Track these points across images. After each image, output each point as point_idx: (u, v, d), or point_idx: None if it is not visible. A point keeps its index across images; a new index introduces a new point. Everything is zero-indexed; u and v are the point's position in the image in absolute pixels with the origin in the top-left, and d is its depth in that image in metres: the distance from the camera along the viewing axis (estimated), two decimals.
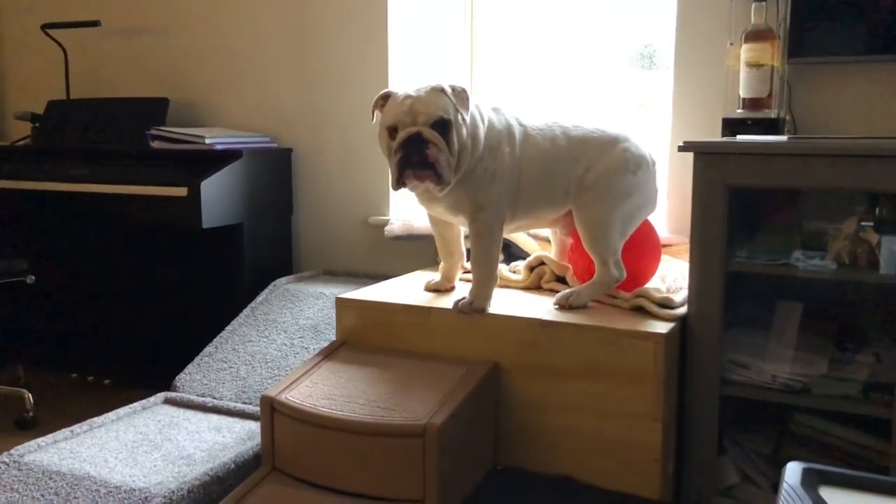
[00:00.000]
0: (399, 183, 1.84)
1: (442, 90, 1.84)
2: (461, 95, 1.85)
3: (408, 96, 1.84)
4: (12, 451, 1.93)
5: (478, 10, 2.85)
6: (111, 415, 2.17)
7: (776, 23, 2.16)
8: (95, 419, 2.13)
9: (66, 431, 2.05)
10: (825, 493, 0.87)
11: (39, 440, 1.99)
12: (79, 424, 2.09)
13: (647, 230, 2.04)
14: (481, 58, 2.87)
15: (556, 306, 1.95)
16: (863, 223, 1.84)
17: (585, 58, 2.75)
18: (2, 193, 2.89)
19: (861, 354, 1.88)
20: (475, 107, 1.92)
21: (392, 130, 1.84)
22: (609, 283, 1.95)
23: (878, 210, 1.85)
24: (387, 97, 1.90)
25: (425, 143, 1.79)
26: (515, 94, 2.84)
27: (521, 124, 1.98)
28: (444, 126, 1.81)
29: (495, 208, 1.93)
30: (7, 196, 2.89)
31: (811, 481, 0.88)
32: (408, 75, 2.82)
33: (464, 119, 1.85)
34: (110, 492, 1.76)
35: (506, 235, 2.30)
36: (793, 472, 0.90)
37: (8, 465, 1.88)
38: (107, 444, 1.99)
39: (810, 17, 2.13)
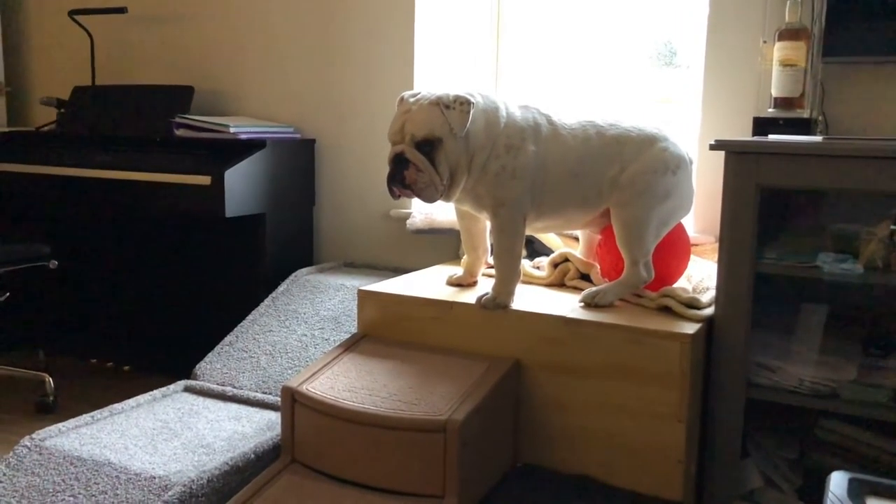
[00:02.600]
0: (392, 194, 1.88)
1: (439, 103, 1.82)
2: (460, 109, 1.81)
3: (406, 110, 1.85)
4: (34, 436, 1.94)
5: (504, 2, 2.83)
6: (131, 401, 2.17)
7: (811, 21, 2.12)
8: (116, 405, 2.14)
9: (86, 417, 2.06)
10: None
11: (60, 425, 2.00)
12: (99, 410, 2.10)
13: (678, 231, 2.01)
14: (507, 50, 2.85)
15: (582, 304, 1.93)
16: (894, 227, 1.80)
17: (607, 54, 2.72)
18: (26, 178, 2.90)
19: (890, 360, 1.85)
20: (486, 108, 1.88)
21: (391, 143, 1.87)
22: (637, 283, 1.92)
23: None
24: (400, 102, 1.90)
25: (406, 163, 1.81)
26: (540, 88, 2.81)
27: (550, 122, 1.95)
28: (430, 144, 1.81)
29: (517, 205, 1.91)
30: (31, 181, 2.90)
31: (858, 492, 0.85)
32: (433, 68, 2.81)
33: (458, 135, 1.82)
34: (130, 479, 1.76)
35: (535, 235, 2.29)
36: (838, 482, 0.87)
37: (29, 448, 1.89)
38: (127, 431, 2.00)
39: (846, 15, 2.09)
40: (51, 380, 2.69)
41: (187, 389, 2.30)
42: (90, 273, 3.16)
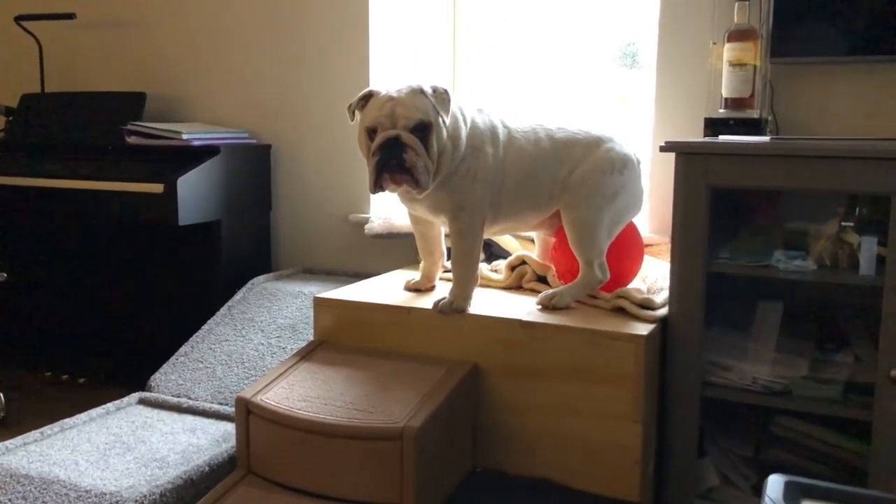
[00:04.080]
0: (376, 186, 1.82)
1: (422, 91, 1.81)
2: (442, 97, 1.81)
3: (389, 98, 1.81)
4: None
5: (460, 4, 2.82)
6: (83, 416, 2.12)
7: (759, 22, 2.15)
8: (67, 420, 2.09)
9: (35, 433, 2.00)
10: None
11: (7, 443, 1.94)
12: (49, 426, 2.05)
13: (630, 231, 2.03)
14: (463, 52, 2.84)
15: (539, 306, 1.93)
16: (844, 224, 1.83)
17: (568, 55, 2.73)
18: None
19: (841, 355, 1.87)
20: (458, 107, 1.90)
21: (371, 132, 1.82)
22: (593, 284, 1.93)
23: (858, 211, 1.84)
24: (368, 97, 1.87)
25: (403, 147, 1.77)
26: (497, 91, 2.81)
27: (505, 126, 1.96)
28: (423, 129, 1.79)
29: (477, 208, 1.90)
30: None
31: (793, 494, 0.86)
32: (389, 71, 2.79)
33: (444, 121, 1.82)
34: (80, 496, 1.71)
35: (490, 237, 2.29)
36: (774, 485, 0.88)
37: None
38: (78, 447, 1.95)
39: (793, 17, 2.12)
40: (1, 395, 2.62)
41: (142, 402, 2.25)
42: (42, 284, 3.09)
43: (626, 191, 1.95)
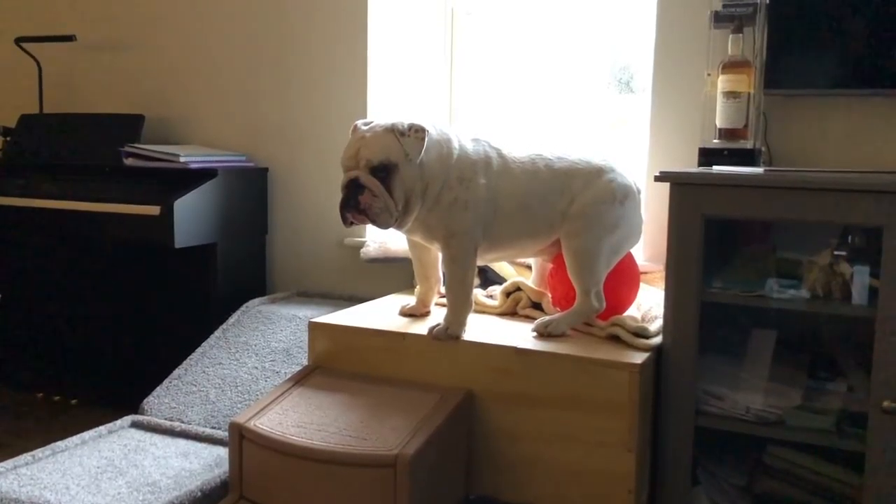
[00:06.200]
0: (344, 221, 1.87)
1: (393, 130, 1.83)
2: (415, 136, 1.83)
3: (360, 136, 1.86)
4: None
5: (458, 28, 2.85)
6: (75, 439, 2.11)
7: (753, 54, 2.17)
8: (58, 443, 2.07)
9: (27, 456, 1.99)
10: None
11: None
12: (41, 449, 2.03)
13: (627, 261, 2.04)
14: (460, 74, 2.87)
15: (535, 333, 1.93)
16: (836, 254, 1.84)
17: (562, 78, 2.76)
18: None
19: (834, 385, 1.88)
20: (443, 139, 1.91)
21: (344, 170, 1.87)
22: (589, 313, 1.94)
23: (851, 241, 1.85)
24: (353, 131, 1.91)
25: (361, 188, 1.81)
26: (494, 113, 2.83)
27: (501, 156, 1.97)
28: (385, 170, 1.82)
29: (468, 236, 1.91)
30: None
31: None
32: (387, 97, 2.81)
33: (413, 161, 1.84)
34: None
35: (487, 264, 2.30)
36: None
37: None
38: (69, 470, 1.94)
39: (787, 48, 2.15)
40: None
41: (134, 425, 2.24)
42: (36, 304, 3.08)
43: (627, 222, 1.96)
